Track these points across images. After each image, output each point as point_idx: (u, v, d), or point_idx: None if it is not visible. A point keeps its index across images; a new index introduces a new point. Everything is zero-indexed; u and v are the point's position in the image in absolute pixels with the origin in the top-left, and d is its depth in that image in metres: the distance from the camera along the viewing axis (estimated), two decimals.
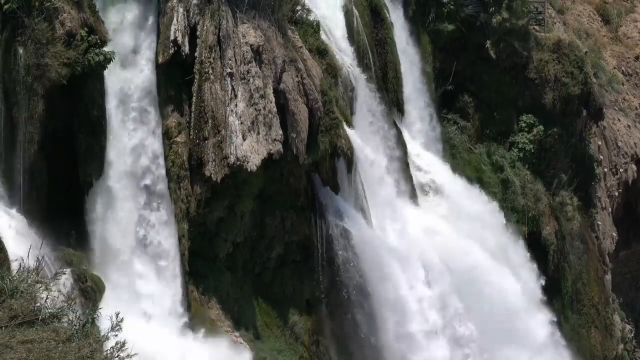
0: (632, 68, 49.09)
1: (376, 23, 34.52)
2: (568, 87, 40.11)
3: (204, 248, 27.17)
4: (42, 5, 22.83)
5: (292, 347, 28.57)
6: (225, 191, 26.72)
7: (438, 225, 34.00)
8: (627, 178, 45.66)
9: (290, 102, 27.33)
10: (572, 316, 40.25)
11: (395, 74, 34.97)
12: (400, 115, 35.22)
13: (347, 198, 30.16)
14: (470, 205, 36.04)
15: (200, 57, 26.15)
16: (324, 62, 30.23)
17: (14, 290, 11.16)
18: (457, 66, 38.17)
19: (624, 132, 46.08)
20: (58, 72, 22.92)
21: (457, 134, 38.41)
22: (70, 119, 24.09)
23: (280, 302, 28.83)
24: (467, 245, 33.90)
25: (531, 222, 38.78)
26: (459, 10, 37.66)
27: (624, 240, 45.93)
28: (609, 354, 41.93)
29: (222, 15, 26.48)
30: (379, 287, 29.97)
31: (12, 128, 23.10)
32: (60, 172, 24.01)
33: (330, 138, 28.76)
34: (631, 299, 47.72)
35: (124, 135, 25.36)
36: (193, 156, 26.12)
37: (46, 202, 23.76)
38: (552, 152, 40.39)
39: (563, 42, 40.71)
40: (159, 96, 25.99)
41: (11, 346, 10.18)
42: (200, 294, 26.85)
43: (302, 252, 29.41)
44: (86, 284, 23.06)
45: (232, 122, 26.13)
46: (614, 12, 50.44)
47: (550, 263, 39.24)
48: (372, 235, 30.46)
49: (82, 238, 24.50)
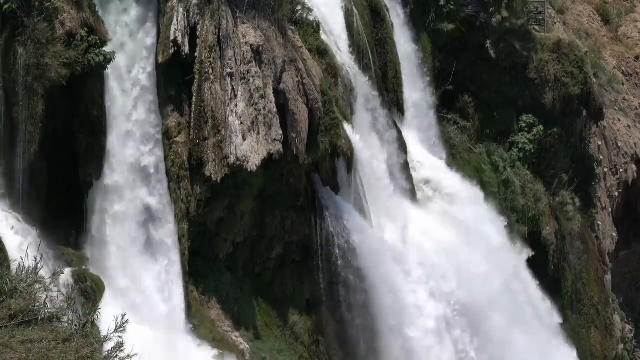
0: (632, 68, 49.08)
1: (376, 23, 34.52)
2: (568, 87, 40.11)
3: (204, 248, 27.17)
4: (42, 5, 22.83)
5: (292, 347, 28.57)
6: (225, 191, 26.72)
7: (438, 225, 33.99)
8: (627, 178, 45.65)
9: (290, 102, 27.33)
10: (572, 316, 40.23)
11: (395, 74, 34.96)
12: (400, 115, 35.21)
13: (347, 198, 30.16)
14: (470, 205, 36.03)
15: (200, 57, 26.15)
16: (324, 62, 30.23)
17: (13, 290, 11.15)
18: (457, 66, 38.17)
19: (624, 132, 46.07)
20: (58, 72, 22.92)
21: (457, 134, 38.41)
22: (70, 119, 24.09)
23: (280, 302, 28.83)
24: (467, 245, 33.89)
25: (531, 222, 38.78)
26: (459, 10, 37.65)
27: (624, 240, 45.92)
28: (609, 354, 41.92)
29: (222, 15, 26.48)
30: (379, 287, 29.96)
31: (12, 128, 23.10)
32: (60, 172, 24.00)
33: (330, 138, 28.76)
34: (631, 299, 47.72)
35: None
36: (193, 156, 26.12)
37: (46, 202, 23.75)
38: (552, 152, 40.38)
39: (563, 42, 40.71)
40: (158, 96, 25.99)
41: (11, 346, 10.17)
42: (200, 294, 26.85)
43: (302, 252, 29.41)
44: (86, 284, 23.07)
45: (232, 122, 26.13)
46: (614, 12, 50.44)
47: (550, 263, 39.24)
48: (372, 235, 30.46)
49: (82, 238, 24.50)
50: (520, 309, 35.53)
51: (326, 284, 29.50)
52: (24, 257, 12.51)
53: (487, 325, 33.04)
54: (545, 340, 35.99)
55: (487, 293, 33.63)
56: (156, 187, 25.74)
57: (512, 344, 33.94)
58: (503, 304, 34.24)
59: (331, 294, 29.63)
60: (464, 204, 35.76)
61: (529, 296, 36.47)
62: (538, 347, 35.00)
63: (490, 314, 33.40)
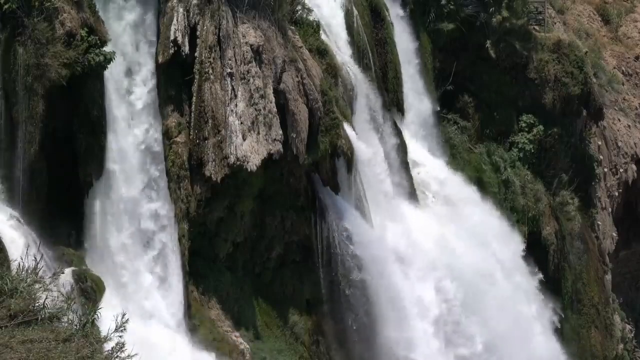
0: (632, 68, 49.09)
1: (376, 23, 34.51)
2: (568, 87, 40.11)
3: (204, 248, 27.16)
4: (42, 5, 22.81)
5: (292, 347, 28.56)
6: (225, 191, 26.71)
7: (437, 225, 33.98)
8: (627, 178, 45.66)
9: (290, 102, 27.32)
10: (572, 316, 40.24)
11: (395, 74, 34.96)
12: (400, 115, 35.21)
13: (347, 198, 30.15)
14: (470, 205, 36.02)
15: (200, 57, 26.14)
16: (324, 62, 30.23)
17: (13, 290, 11.15)
18: (457, 66, 38.17)
19: (624, 132, 46.08)
20: (58, 72, 22.89)
21: (457, 134, 38.41)
22: (70, 119, 24.07)
23: (280, 302, 28.82)
24: (467, 244, 33.89)
25: (531, 222, 38.78)
26: (459, 10, 37.66)
27: (624, 240, 45.94)
28: (609, 354, 41.92)
29: (222, 15, 26.47)
30: (379, 287, 29.96)
31: (12, 128, 23.08)
32: (60, 172, 23.98)
33: (330, 138, 28.75)
34: (631, 299, 47.72)
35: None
36: (193, 156, 26.11)
37: (46, 202, 23.73)
38: (552, 152, 40.39)
39: (563, 42, 40.72)
40: (159, 96, 25.98)
41: (11, 346, 10.16)
42: (200, 294, 26.84)
43: (302, 252, 29.40)
44: (86, 284, 23.05)
45: (232, 122, 26.12)
46: (614, 12, 50.45)
47: (550, 263, 39.24)
48: (372, 235, 30.45)
49: (82, 238, 24.49)
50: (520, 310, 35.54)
51: (326, 284, 29.49)
52: (24, 257, 12.51)
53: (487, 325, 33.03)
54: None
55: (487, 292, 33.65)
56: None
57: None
58: (503, 299, 34.25)
59: (331, 294, 29.62)
60: (463, 203, 35.76)
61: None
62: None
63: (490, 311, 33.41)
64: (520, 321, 34.93)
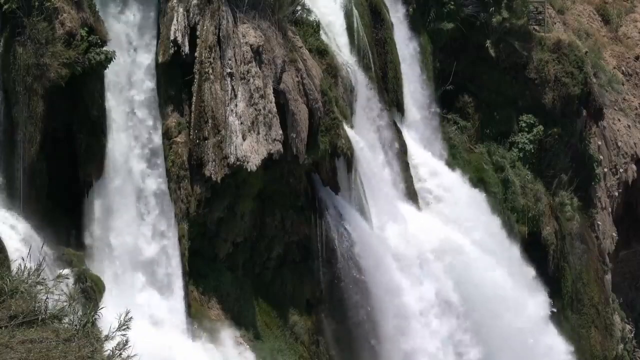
0: (632, 68, 49.09)
1: (376, 23, 34.51)
2: (568, 87, 40.13)
3: (204, 248, 27.16)
4: (42, 5, 22.81)
5: (292, 347, 28.56)
6: (225, 191, 26.71)
7: (437, 225, 33.98)
8: (627, 178, 45.67)
9: (290, 102, 27.32)
10: (572, 316, 40.24)
11: (395, 74, 34.96)
12: (400, 115, 35.22)
13: (347, 198, 30.15)
14: (470, 205, 36.02)
15: (200, 57, 26.13)
16: (324, 62, 30.23)
17: (14, 290, 11.14)
18: (457, 66, 38.17)
19: (624, 132, 46.09)
20: (58, 72, 22.90)
21: (457, 134, 38.42)
22: (70, 119, 24.07)
23: (280, 302, 28.82)
24: (467, 244, 33.88)
25: (531, 222, 38.78)
26: (459, 10, 37.65)
27: (624, 240, 45.94)
28: (609, 354, 41.92)
29: (222, 15, 26.47)
30: (379, 287, 29.95)
31: (12, 128, 23.08)
32: (60, 172, 23.98)
33: (330, 138, 28.76)
34: (631, 299, 47.73)
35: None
36: (193, 156, 26.10)
37: (46, 202, 23.74)
38: (552, 152, 40.40)
39: (563, 42, 40.73)
40: (159, 96, 25.98)
41: (11, 346, 10.16)
42: (200, 294, 26.83)
43: (302, 252, 29.40)
44: (86, 284, 23.05)
45: (232, 122, 26.12)
46: (614, 12, 50.45)
47: (550, 263, 39.25)
48: (372, 235, 30.45)
49: (82, 238, 24.49)
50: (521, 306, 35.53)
51: (326, 284, 29.48)
52: (24, 258, 12.50)
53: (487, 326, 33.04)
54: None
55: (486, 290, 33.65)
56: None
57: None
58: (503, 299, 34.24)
59: (331, 294, 29.62)
60: (463, 203, 35.75)
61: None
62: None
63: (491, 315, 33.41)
64: (522, 318, 34.90)
